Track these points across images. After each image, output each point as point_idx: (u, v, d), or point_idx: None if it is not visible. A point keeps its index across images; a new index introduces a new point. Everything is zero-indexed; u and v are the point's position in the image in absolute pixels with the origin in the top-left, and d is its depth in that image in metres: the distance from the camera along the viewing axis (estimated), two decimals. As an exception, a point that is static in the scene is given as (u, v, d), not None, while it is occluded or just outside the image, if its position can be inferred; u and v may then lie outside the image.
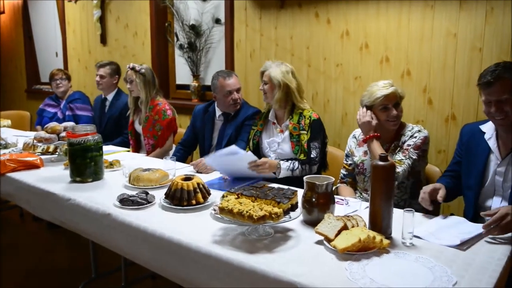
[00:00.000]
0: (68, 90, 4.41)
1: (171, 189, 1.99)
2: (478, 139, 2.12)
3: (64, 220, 2.24)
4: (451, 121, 2.83)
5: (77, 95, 4.37)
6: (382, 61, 3.06)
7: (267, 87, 2.72)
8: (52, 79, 4.36)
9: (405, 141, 2.33)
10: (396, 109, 2.34)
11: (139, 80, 3.38)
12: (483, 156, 2.07)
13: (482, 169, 2.07)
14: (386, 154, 1.65)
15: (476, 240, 1.63)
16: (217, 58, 4.24)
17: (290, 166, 2.54)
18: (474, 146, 2.13)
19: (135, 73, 3.37)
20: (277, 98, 2.67)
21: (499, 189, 2.03)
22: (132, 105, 3.55)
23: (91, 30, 5.35)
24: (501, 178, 2.02)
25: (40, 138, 2.87)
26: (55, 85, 4.35)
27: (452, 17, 2.75)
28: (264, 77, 2.74)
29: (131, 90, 3.45)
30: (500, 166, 2.02)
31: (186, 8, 4.35)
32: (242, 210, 1.57)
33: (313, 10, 3.35)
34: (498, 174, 2.03)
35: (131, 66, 3.40)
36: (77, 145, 2.37)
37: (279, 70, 2.67)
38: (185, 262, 1.66)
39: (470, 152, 2.14)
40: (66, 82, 4.38)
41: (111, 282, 2.99)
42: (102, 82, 3.99)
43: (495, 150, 2.04)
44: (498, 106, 1.91)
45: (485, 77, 1.92)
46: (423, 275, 1.39)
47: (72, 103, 4.29)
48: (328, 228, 1.60)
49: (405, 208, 1.62)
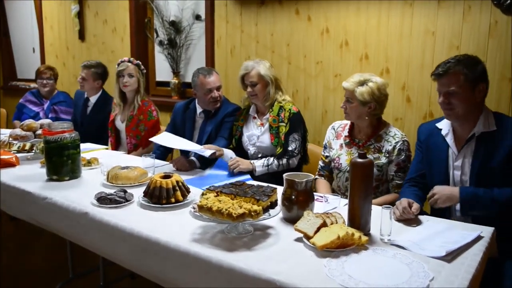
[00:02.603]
0: (54, 90, 4.30)
1: (150, 187, 1.97)
2: (436, 137, 2.14)
3: (40, 219, 2.20)
4: (429, 119, 2.86)
5: (62, 97, 4.25)
6: (362, 58, 3.08)
7: (259, 87, 2.72)
8: (39, 76, 4.22)
9: (387, 150, 2.32)
10: (345, 103, 2.37)
11: (141, 76, 3.36)
12: (443, 153, 2.10)
13: (445, 166, 2.09)
14: (364, 152, 1.66)
15: (462, 250, 1.55)
16: (197, 55, 4.21)
17: (264, 163, 2.57)
18: (433, 145, 2.15)
19: (139, 70, 3.35)
20: (272, 94, 2.70)
21: (458, 183, 2.05)
22: (120, 101, 3.45)
23: (69, 25, 5.25)
24: (459, 172, 2.05)
25: (16, 135, 2.81)
26: (41, 84, 4.22)
27: (430, 15, 2.77)
28: (250, 78, 2.74)
29: (127, 85, 3.34)
30: (457, 160, 2.06)
31: (166, 4, 4.31)
32: (221, 208, 1.56)
33: (293, 7, 3.35)
34: (455, 169, 2.06)
35: (134, 62, 3.35)
36: (54, 143, 2.32)
37: (264, 67, 2.71)
38: (164, 261, 1.64)
39: (430, 152, 2.16)
40: (52, 81, 4.26)
41: (89, 282, 2.95)
42: (83, 84, 3.83)
43: (452, 145, 2.07)
44: (446, 97, 1.98)
45: (437, 69, 1.99)
46: (401, 271, 1.40)
47: (56, 105, 4.18)
48: (307, 226, 1.60)
49: None
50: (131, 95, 3.40)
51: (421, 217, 1.89)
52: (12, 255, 3.43)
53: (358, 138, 2.43)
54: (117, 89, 3.43)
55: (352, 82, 2.32)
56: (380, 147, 2.34)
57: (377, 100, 2.31)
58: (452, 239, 1.63)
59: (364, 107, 2.31)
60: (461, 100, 1.96)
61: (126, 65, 3.33)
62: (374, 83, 2.30)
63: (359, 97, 2.29)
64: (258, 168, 2.56)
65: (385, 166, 2.34)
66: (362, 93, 2.28)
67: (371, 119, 2.36)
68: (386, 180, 2.38)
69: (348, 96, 2.34)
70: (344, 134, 2.49)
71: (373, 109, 2.33)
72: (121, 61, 3.37)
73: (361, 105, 2.31)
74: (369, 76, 2.33)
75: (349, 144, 2.44)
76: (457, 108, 1.97)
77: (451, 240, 1.61)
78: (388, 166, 2.34)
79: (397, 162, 2.31)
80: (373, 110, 2.33)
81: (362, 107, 2.32)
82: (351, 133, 2.46)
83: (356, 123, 2.43)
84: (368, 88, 2.29)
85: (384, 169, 2.35)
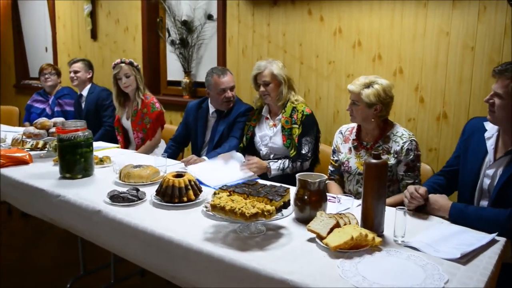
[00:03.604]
0: (57, 86, 4.38)
1: (162, 186, 1.97)
2: (478, 136, 2.07)
3: (53, 216, 2.21)
4: (442, 120, 2.84)
5: (66, 91, 4.35)
6: (375, 58, 3.06)
7: (272, 86, 2.71)
8: (41, 73, 4.33)
9: (396, 150, 2.30)
10: (351, 106, 2.35)
11: (138, 74, 3.40)
12: (479, 155, 2.03)
13: (477, 169, 2.03)
14: (379, 153, 1.65)
15: (478, 252, 1.53)
16: (209, 55, 4.22)
17: (280, 166, 2.56)
18: (473, 143, 2.08)
19: (133, 67, 3.38)
20: (285, 94, 2.70)
21: (485, 192, 2.00)
22: (117, 102, 3.52)
23: (81, 25, 5.28)
24: (489, 181, 1.98)
25: (29, 133, 2.83)
26: (44, 79, 4.32)
27: (444, 15, 2.75)
28: (263, 78, 2.74)
29: (126, 86, 3.40)
30: (490, 168, 1.98)
31: (178, 3, 4.32)
32: (234, 208, 1.56)
33: (306, 7, 3.34)
34: (486, 176, 2.00)
35: (127, 62, 3.38)
36: (67, 141, 2.34)
37: (277, 66, 2.70)
38: (176, 260, 1.65)
39: (467, 149, 2.10)
40: (55, 77, 4.34)
41: (100, 278, 2.97)
42: (76, 76, 4.00)
43: (490, 152, 1.99)
44: (491, 97, 1.90)
45: (498, 66, 1.91)
46: (415, 273, 1.39)
47: (61, 98, 4.28)
48: (320, 226, 1.60)
49: None
50: (133, 93, 3.45)
51: (435, 218, 1.88)
52: (23, 252, 3.46)
53: (366, 141, 2.41)
54: (115, 92, 3.49)
55: (358, 85, 2.30)
56: (389, 148, 2.32)
57: (383, 102, 2.29)
58: (467, 241, 1.61)
59: (370, 109, 2.30)
60: (503, 106, 1.87)
61: (120, 67, 3.38)
62: (380, 85, 2.29)
63: (365, 99, 2.27)
64: (274, 171, 2.55)
65: (394, 166, 2.32)
66: (368, 95, 2.27)
67: (377, 121, 2.35)
68: (396, 180, 2.36)
69: (354, 99, 2.32)
70: (351, 138, 2.47)
71: (379, 111, 2.31)
72: (114, 64, 3.41)
73: (367, 107, 2.29)
74: (374, 78, 2.32)
75: (357, 147, 2.43)
76: (498, 112, 1.89)
77: (466, 242, 1.59)
78: (397, 167, 2.32)
79: (406, 162, 2.29)
80: (379, 112, 2.31)
81: (368, 109, 2.30)
82: (359, 136, 2.45)
83: (363, 125, 2.41)
84: (374, 90, 2.27)
85: (394, 169, 2.33)
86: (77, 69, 4.00)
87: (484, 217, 1.82)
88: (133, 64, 3.40)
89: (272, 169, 2.54)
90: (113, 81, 3.44)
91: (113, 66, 3.41)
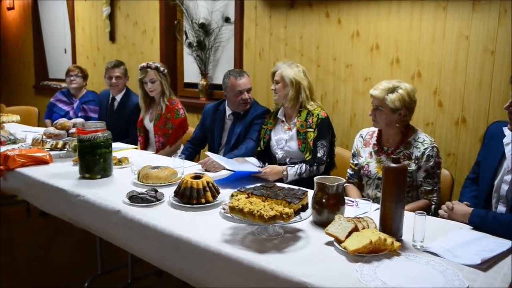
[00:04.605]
0: (82, 89, 4.41)
1: (181, 187, 1.99)
2: (497, 141, 2.05)
3: (72, 216, 2.25)
4: (461, 124, 2.81)
5: (91, 96, 4.37)
6: (393, 62, 3.04)
7: (279, 86, 2.72)
8: (68, 74, 4.35)
9: (417, 156, 2.28)
10: (374, 111, 2.33)
11: (164, 80, 3.39)
12: (497, 161, 2.01)
13: (495, 174, 2.01)
14: (398, 157, 1.64)
15: (498, 259, 1.51)
16: (225, 57, 4.24)
17: (297, 171, 2.56)
18: (492, 149, 2.07)
19: (159, 73, 3.38)
20: (290, 97, 2.68)
21: (503, 198, 1.98)
22: (144, 104, 3.53)
23: (100, 27, 5.36)
24: (507, 187, 1.96)
25: (50, 134, 2.88)
26: (69, 81, 4.35)
27: (464, 18, 2.73)
28: (275, 77, 2.75)
29: (152, 90, 3.39)
30: (508, 174, 1.96)
31: (195, 6, 4.35)
32: (253, 210, 1.56)
33: (323, 10, 3.34)
34: (504, 182, 1.98)
35: (153, 66, 3.36)
36: (87, 142, 2.37)
37: (290, 69, 2.69)
38: (194, 261, 1.66)
39: (487, 154, 2.09)
40: (80, 80, 4.36)
41: (117, 278, 3.00)
42: (119, 83, 3.88)
43: (508, 157, 1.97)
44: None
45: None
46: (435, 279, 1.38)
47: (85, 104, 4.31)
48: (338, 229, 1.59)
49: None
50: (158, 97, 3.45)
51: (454, 224, 1.86)
52: (42, 250, 3.51)
53: (387, 146, 2.40)
54: (141, 94, 3.49)
55: (381, 90, 2.28)
56: (410, 154, 2.31)
57: (407, 107, 2.28)
58: (487, 247, 1.58)
59: (394, 114, 2.28)
60: None
61: (146, 71, 3.35)
62: (404, 90, 2.27)
63: (390, 104, 2.25)
64: (290, 177, 2.55)
65: (415, 172, 2.30)
66: (393, 100, 2.25)
67: (400, 126, 2.33)
68: (416, 186, 2.34)
69: (378, 104, 2.30)
70: (372, 142, 2.46)
71: (403, 116, 2.29)
72: (141, 67, 3.39)
73: (392, 112, 2.27)
74: (397, 83, 2.30)
75: (378, 152, 2.42)
76: None
77: (486, 248, 1.57)
78: (417, 173, 2.31)
79: (426, 168, 2.28)
80: (403, 117, 2.30)
81: (392, 115, 2.28)
82: (379, 141, 2.43)
83: (385, 130, 2.39)
84: (399, 95, 2.25)
85: (414, 175, 2.31)
86: (119, 74, 3.88)
87: (504, 223, 1.80)
88: (159, 69, 3.37)
89: (289, 174, 2.54)
90: (139, 84, 3.44)
91: (140, 69, 3.39)
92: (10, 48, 7.14)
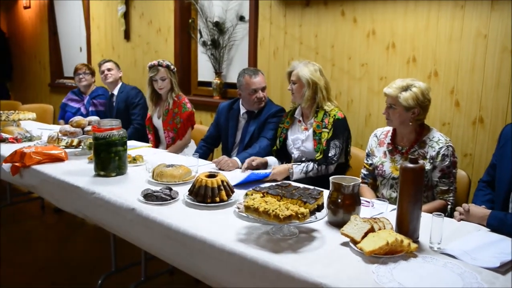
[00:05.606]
0: (91, 85, 4.48)
1: (195, 186, 1.99)
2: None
3: (87, 213, 2.26)
4: (478, 124, 2.77)
5: (101, 91, 4.44)
6: (409, 61, 3.01)
7: (296, 87, 2.70)
8: (76, 73, 4.44)
9: (431, 155, 2.25)
10: (387, 109, 2.32)
11: (173, 78, 3.45)
12: (510, 163, 1.99)
13: (510, 176, 1.98)
14: (416, 157, 1.62)
15: None
16: (240, 56, 4.23)
17: (303, 169, 2.55)
18: (508, 150, 2.04)
19: (170, 71, 3.42)
20: (307, 97, 2.66)
21: None
22: (151, 102, 3.57)
23: (115, 26, 5.39)
24: None
25: (65, 131, 2.90)
26: (78, 79, 4.42)
27: (482, 17, 2.68)
28: (292, 77, 2.73)
29: (161, 88, 3.45)
30: None
31: (210, 5, 4.35)
32: (268, 209, 1.55)
33: (339, 8, 3.31)
34: None
35: (164, 65, 3.41)
36: (102, 140, 2.38)
37: (307, 69, 2.66)
38: (208, 260, 1.66)
39: (503, 156, 2.06)
40: (89, 76, 4.44)
41: (131, 276, 3.01)
42: (110, 74, 4.10)
43: None
44: None
45: None
46: (453, 281, 1.36)
47: (95, 98, 4.39)
48: (354, 230, 1.58)
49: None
50: (165, 93, 3.50)
51: (472, 225, 1.83)
52: (55, 247, 3.54)
53: (401, 145, 2.37)
54: (150, 92, 3.53)
55: (395, 88, 2.26)
56: (425, 153, 2.28)
57: (421, 105, 2.25)
58: (506, 250, 1.56)
59: (408, 112, 2.26)
60: None
61: (157, 69, 3.40)
62: (418, 88, 2.24)
63: (403, 102, 2.23)
64: (296, 175, 2.53)
65: (430, 172, 2.27)
66: (407, 98, 2.23)
67: (414, 125, 2.31)
68: (431, 186, 2.32)
69: (391, 102, 2.29)
70: (386, 141, 2.44)
71: (417, 114, 2.27)
72: (151, 65, 3.43)
73: (405, 110, 2.25)
74: (411, 81, 2.28)
75: (392, 151, 2.39)
76: None
77: (505, 251, 1.54)
78: (432, 172, 2.28)
79: (441, 168, 2.25)
80: (416, 116, 2.27)
81: (405, 113, 2.26)
82: (394, 140, 2.41)
83: (399, 129, 2.37)
84: (412, 93, 2.23)
85: (429, 175, 2.28)
86: (110, 67, 4.11)
87: None
88: (169, 67, 3.43)
89: (295, 172, 2.53)
90: (148, 82, 3.48)
91: (149, 67, 3.43)
92: (26, 46, 7.22)
